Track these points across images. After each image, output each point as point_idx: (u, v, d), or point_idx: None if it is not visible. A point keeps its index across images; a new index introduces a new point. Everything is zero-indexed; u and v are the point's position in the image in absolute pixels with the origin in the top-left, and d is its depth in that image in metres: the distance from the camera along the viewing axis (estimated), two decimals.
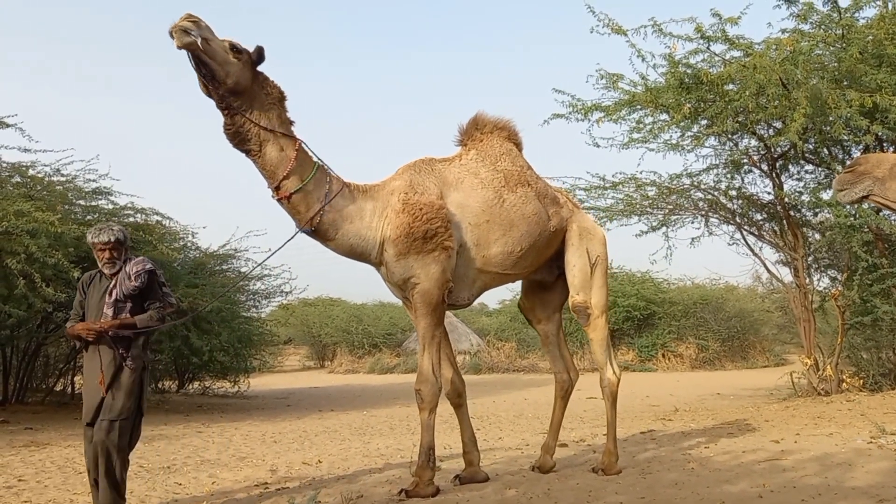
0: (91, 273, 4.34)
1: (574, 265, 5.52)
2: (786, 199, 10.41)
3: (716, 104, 9.25)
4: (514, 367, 21.40)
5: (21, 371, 11.41)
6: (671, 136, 10.37)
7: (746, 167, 10.90)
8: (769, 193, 10.92)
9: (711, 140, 10.52)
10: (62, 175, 10.09)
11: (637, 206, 11.22)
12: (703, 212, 11.40)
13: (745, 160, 10.68)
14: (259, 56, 4.29)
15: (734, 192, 11.09)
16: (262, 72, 4.37)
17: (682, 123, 9.82)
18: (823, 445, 6.33)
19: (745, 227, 11.33)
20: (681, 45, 9.29)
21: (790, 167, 10.96)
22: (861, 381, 10.37)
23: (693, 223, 11.57)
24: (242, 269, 13.68)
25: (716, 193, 11.21)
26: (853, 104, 8.31)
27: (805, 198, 10.55)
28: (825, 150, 10.18)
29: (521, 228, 5.14)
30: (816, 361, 10.43)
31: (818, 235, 10.98)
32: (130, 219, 10.60)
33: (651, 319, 21.80)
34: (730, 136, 10.43)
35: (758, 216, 11.35)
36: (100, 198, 10.46)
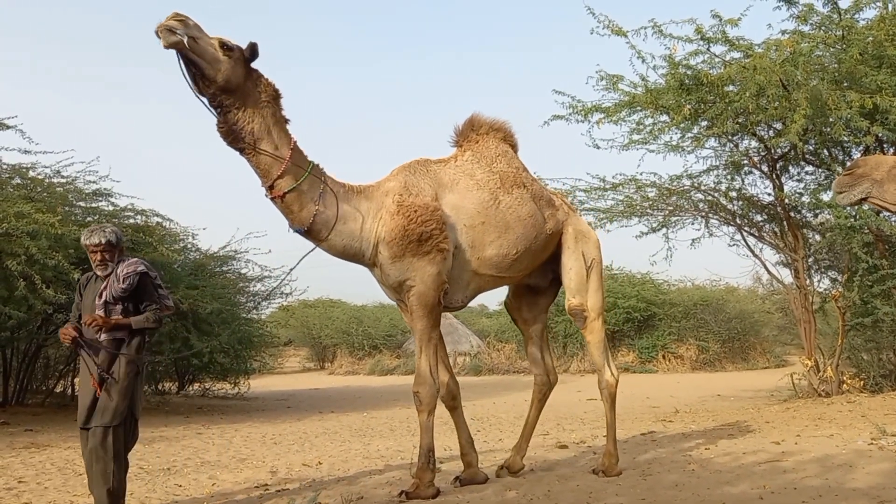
0: (88, 274, 4.31)
1: (570, 268, 5.50)
2: (786, 201, 10.41)
3: (716, 105, 9.26)
4: (515, 369, 21.39)
5: (21, 373, 11.41)
6: (671, 138, 10.38)
7: (747, 168, 10.90)
8: (769, 195, 10.93)
9: (712, 141, 10.53)
10: (62, 177, 10.09)
11: (637, 208, 11.22)
12: (704, 213, 11.40)
13: (746, 161, 10.68)
14: (252, 53, 4.22)
15: (734, 194, 11.10)
16: (257, 69, 4.30)
17: (683, 125, 9.82)
18: (824, 447, 6.32)
19: (746, 229, 11.33)
20: (681, 47, 9.30)
21: (790, 168, 10.97)
22: (862, 383, 10.37)
23: (693, 224, 11.59)
24: (243, 271, 13.69)
25: (716, 195, 11.21)
26: (853, 105, 8.31)
27: (805, 199, 10.56)
28: (825, 152, 10.18)
29: (517, 231, 5.10)
30: (817, 363, 10.43)
31: (818, 237, 10.99)
32: (131, 220, 10.60)
33: (651, 321, 21.80)
34: (730, 138, 10.44)
35: (758, 217, 11.35)
36: (100, 199, 10.46)
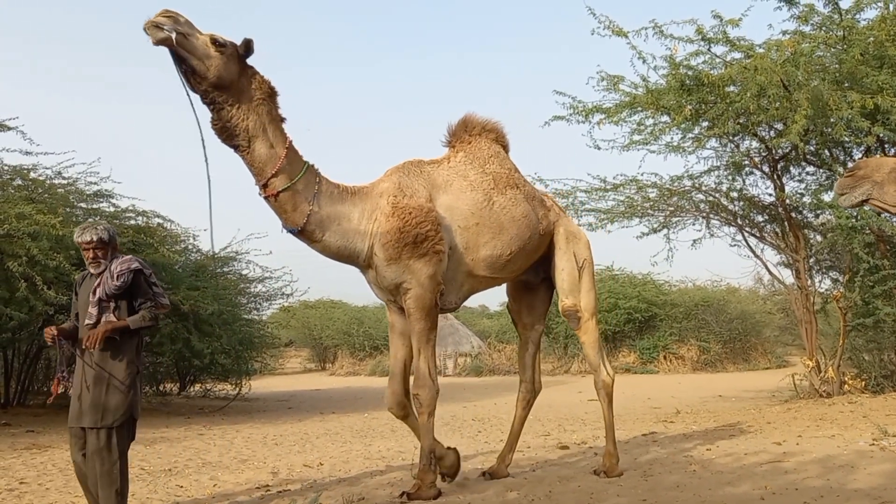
0: (84, 273, 4.31)
1: (563, 269, 5.51)
2: (787, 201, 10.41)
3: (717, 106, 9.26)
4: (516, 370, 21.27)
5: (22, 374, 11.42)
6: (672, 138, 10.39)
7: (748, 169, 10.90)
8: (770, 195, 10.93)
9: (712, 142, 10.53)
10: (63, 178, 10.10)
11: (638, 208, 11.22)
12: (705, 213, 11.40)
13: (747, 162, 10.67)
14: (247, 49, 4.17)
15: (735, 194, 11.09)
16: (252, 66, 4.25)
17: (684, 125, 9.82)
18: (825, 447, 6.31)
19: (747, 229, 11.33)
20: (682, 47, 9.30)
21: (791, 169, 10.96)
22: (863, 383, 10.35)
23: (694, 225, 11.59)
24: (244, 272, 13.69)
25: (717, 195, 11.21)
26: (854, 106, 8.31)
27: (806, 199, 10.56)
28: (826, 152, 10.18)
29: (511, 232, 5.10)
30: (818, 363, 10.42)
31: (820, 237, 10.98)
32: (132, 221, 10.61)
33: (652, 321, 21.79)
34: (731, 138, 10.43)
35: (759, 218, 11.35)
36: (101, 200, 10.47)
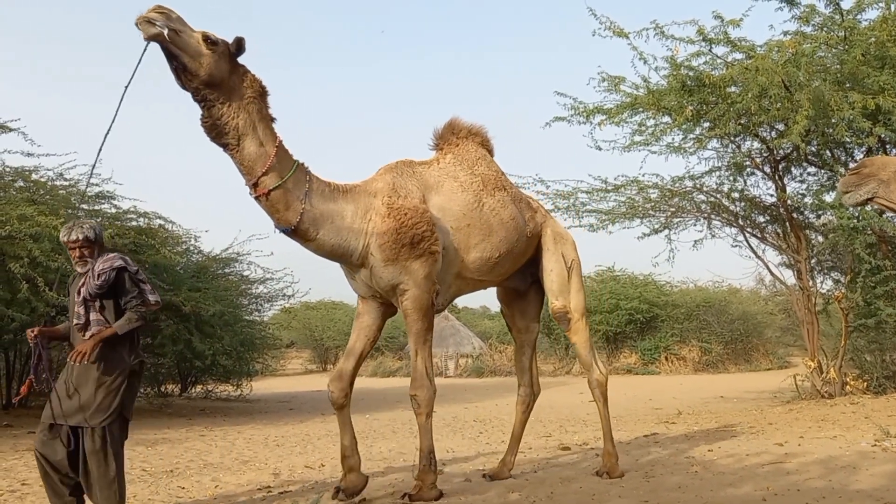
0: (75, 273, 4.30)
1: (551, 270, 5.52)
2: (788, 202, 10.41)
3: (718, 106, 9.25)
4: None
5: (24, 375, 11.42)
6: (673, 139, 10.38)
7: (749, 169, 10.89)
8: (772, 196, 10.93)
9: (714, 142, 10.52)
10: (65, 179, 10.10)
11: (639, 209, 11.22)
12: (706, 214, 11.39)
13: (748, 162, 10.67)
14: (238, 47, 4.15)
15: (737, 195, 11.09)
16: (243, 65, 4.23)
17: (685, 126, 9.82)
18: (827, 448, 6.31)
19: (748, 230, 11.32)
20: (683, 48, 9.30)
21: (793, 169, 10.96)
22: (865, 384, 10.34)
23: (696, 226, 11.58)
24: (245, 273, 13.70)
25: (718, 196, 11.20)
26: (856, 106, 8.30)
27: (808, 200, 10.55)
28: (828, 153, 10.17)
29: (500, 234, 5.12)
30: (820, 364, 10.41)
31: (821, 238, 10.97)
32: (133, 223, 10.60)
33: (654, 322, 21.79)
34: (732, 139, 10.43)
35: (760, 218, 11.34)
36: (103, 202, 10.47)
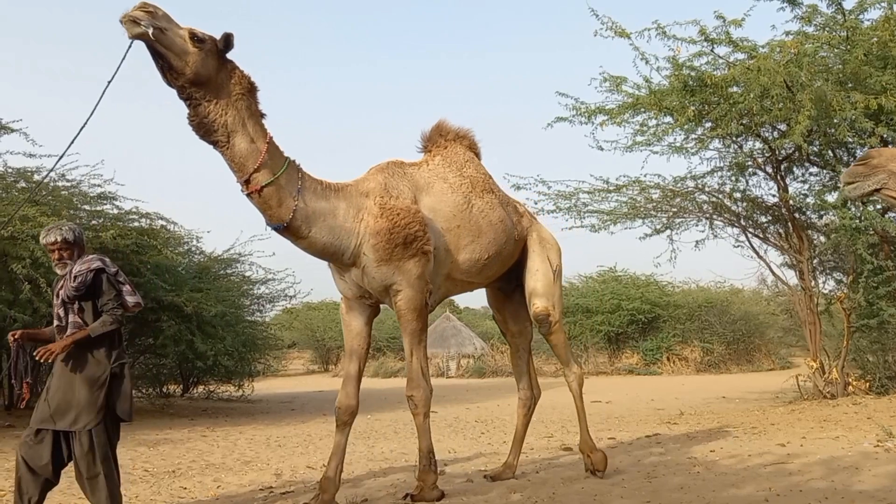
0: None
1: (537, 270, 5.52)
2: (790, 202, 10.39)
3: (720, 106, 9.25)
4: None
5: (27, 376, 11.41)
6: (675, 139, 10.39)
7: (751, 170, 10.88)
8: (774, 196, 10.92)
9: (716, 142, 10.52)
10: (67, 180, 10.11)
11: (641, 209, 11.21)
12: (708, 214, 11.38)
13: (750, 163, 10.66)
14: (226, 44, 4.09)
15: (739, 195, 11.08)
16: (231, 61, 4.18)
17: (687, 126, 9.82)
18: (830, 449, 6.30)
19: (750, 230, 11.30)
20: (685, 48, 9.30)
21: (795, 169, 10.94)
22: (867, 384, 10.33)
23: (697, 226, 11.57)
24: (247, 274, 13.71)
25: (720, 196, 11.19)
26: (858, 106, 8.29)
27: (810, 200, 10.54)
28: (830, 153, 10.16)
29: (489, 236, 5.13)
30: (822, 364, 10.39)
31: (823, 238, 10.96)
32: (135, 223, 10.61)
33: (655, 323, 21.78)
34: (734, 139, 10.42)
35: (762, 219, 11.33)
36: (104, 203, 10.47)
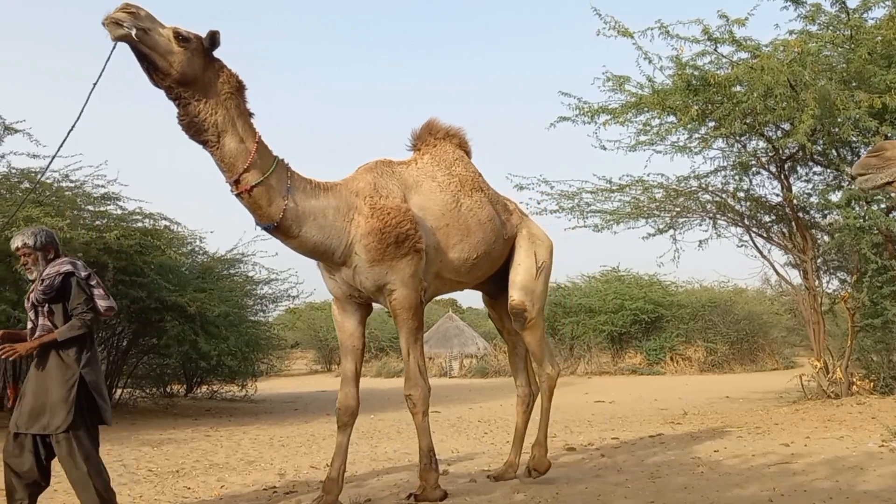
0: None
1: (520, 264, 5.47)
2: (794, 201, 10.37)
3: (723, 106, 9.23)
4: None
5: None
6: (678, 139, 10.37)
7: (754, 169, 10.86)
8: (777, 195, 10.89)
9: (719, 142, 10.51)
10: (71, 181, 10.12)
11: (644, 209, 11.19)
12: (711, 214, 11.36)
13: (754, 162, 10.64)
14: (212, 42, 4.05)
15: (742, 194, 11.05)
16: (219, 60, 4.15)
17: (690, 125, 9.80)
18: (834, 449, 6.29)
19: (754, 230, 11.28)
20: (688, 47, 9.30)
21: (798, 169, 10.92)
22: (872, 384, 10.30)
23: (701, 225, 11.56)
24: (250, 274, 13.71)
25: (724, 195, 11.17)
26: (862, 105, 8.28)
27: (814, 199, 10.52)
28: (834, 152, 10.14)
29: (478, 234, 5.10)
30: (826, 364, 10.37)
31: (827, 237, 10.93)
32: (139, 224, 10.62)
33: (659, 322, 21.73)
34: (738, 138, 10.40)
35: (766, 218, 11.31)
36: (108, 203, 10.48)
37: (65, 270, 4.00)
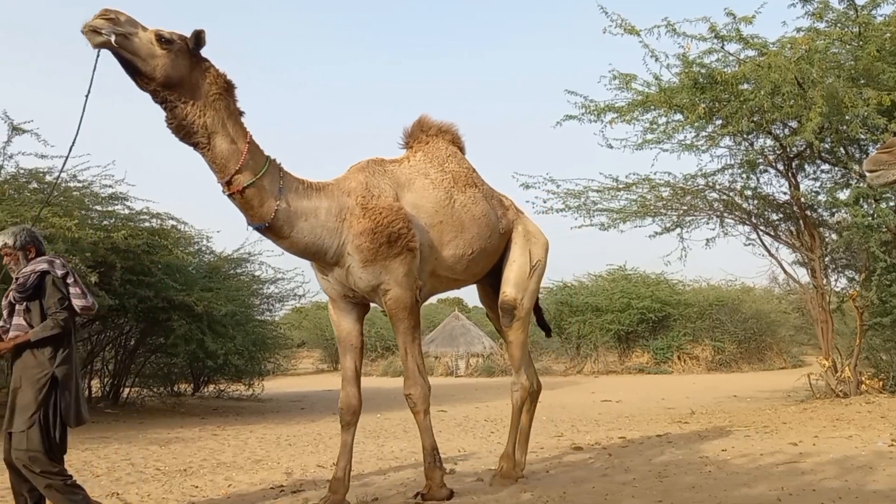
0: None
1: (514, 261, 5.43)
2: (802, 199, 10.33)
3: (731, 104, 9.20)
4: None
5: None
6: (685, 137, 10.34)
7: (762, 167, 10.82)
8: (785, 193, 10.86)
9: (726, 140, 10.47)
10: (78, 181, 10.17)
11: (651, 208, 11.17)
12: (719, 212, 11.33)
13: (761, 160, 10.60)
14: (197, 42, 3.98)
15: (749, 193, 11.02)
16: (206, 60, 4.08)
17: (697, 123, 9.78)
18: (843, 448, 6.26)
19: (761, 228, 11.25)
20: (694, 45, 9.27)
21: (806, 167, 10.88)
22: (881, 383, 10.26)
23: (708, 224, 11.53)
24: (256, 273, 13.75)
25: (731, 194, 11.14)
26: (870, 102, 8.24)
27: (822, 198, 10.47)
28: (842, 150, 10.10)
29: (472, 231, 5.06)
30: (834, 363, 10.33)
31: (835, 235, 10.89)
32: (146, 223, 10.67)
33: (666, 321, 21.68)
34: (745, 136, 10.36)
35: (774, 216, 11.27)
36: (116, 203, 10.53)
37: (40, 269, 3.99)
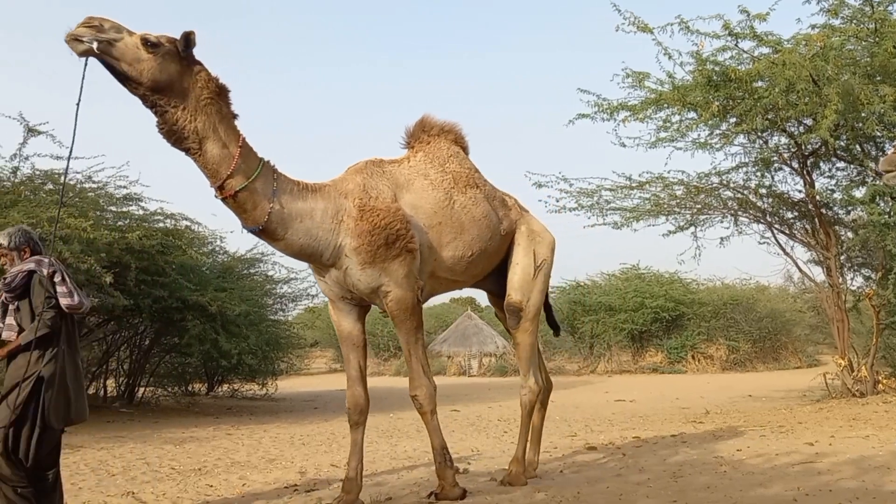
0: None
1: (517, 264, 5.38)
2: (817, 197, 10.25)
3: (745, 101, 9.14)
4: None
5: None
6: (699, 135, 10.29)
7: (777, 165, 10.75)
8: (800, 191, 10.77)
9: (741, 138, 10.40)
10: (93, 182, 10.27)
11: (664, 206, 11.12)
12: (733, 211, 11.25)
13: (776, 158, 10.53)
14: (186, 44, 3.91)
15: (764, 191, 10.95)
16: (198, 63, 4.03)
17: (711, 121, 9.72)
18: (859, 448, 6.20)
19: (776, 226, 11.17)
20: (708, 43, 9.21)
21: (821, 165, 10.79)
22: None
23: (722, 222, 11.46)
24: (269, 273, 13.83)
25: (745, 192, 11.06)
26: (887, 99, 8.16)
27: (837, 195, 10.38)
28: (857, 147, 10.00)
29: (472, 232, 5.02)
30: (851, 362, 10.24)
31: (851, 234, 10.79)
32: (160, 224, 10.75)
33: (680, 321, 21.56)
34: (759, 134, 10.30)
35: (789, 215, 11.19)
36: (130, 204, 10.62)
37: (27, 269, 4.03)
